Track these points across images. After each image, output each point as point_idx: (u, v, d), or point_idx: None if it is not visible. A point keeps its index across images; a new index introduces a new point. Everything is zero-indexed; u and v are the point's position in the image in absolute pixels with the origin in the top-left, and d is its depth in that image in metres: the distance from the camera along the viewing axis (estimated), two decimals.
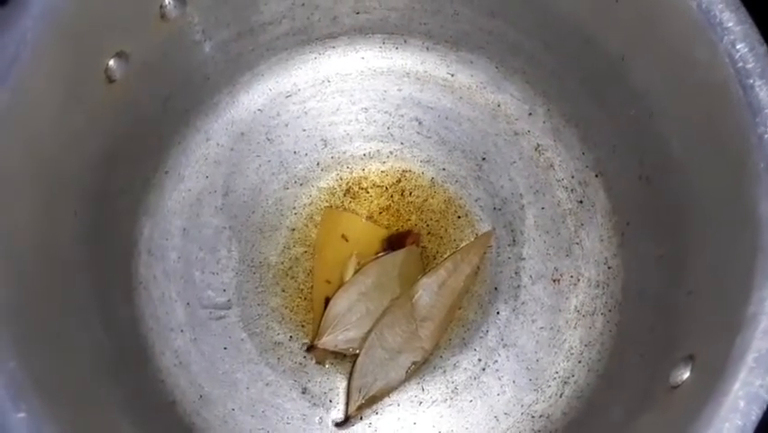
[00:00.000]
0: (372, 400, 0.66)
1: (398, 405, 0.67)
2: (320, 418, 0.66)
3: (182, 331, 0.68)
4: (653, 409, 0.52)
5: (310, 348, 0.67)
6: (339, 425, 0.66)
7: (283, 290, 0.69)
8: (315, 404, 0.67)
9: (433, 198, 0.71)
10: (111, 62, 0.55)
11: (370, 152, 0.72)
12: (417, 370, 0.67)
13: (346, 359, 0.67)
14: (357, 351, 0.66)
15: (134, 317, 0.67)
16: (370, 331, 0.66)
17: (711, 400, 0.45)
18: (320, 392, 0.67)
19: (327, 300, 0.67)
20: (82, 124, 0.55)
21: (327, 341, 0.66)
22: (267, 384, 0.67)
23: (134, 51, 0.56)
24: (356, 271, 0.68)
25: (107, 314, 0.61)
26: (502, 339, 0.68)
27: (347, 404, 0.66)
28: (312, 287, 0.69)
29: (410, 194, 0.71)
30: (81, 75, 0.53)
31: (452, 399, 0.66)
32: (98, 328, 0.59)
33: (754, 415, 0.44)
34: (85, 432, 0.50)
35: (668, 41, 0.54)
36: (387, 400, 0.67)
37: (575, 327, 0.68)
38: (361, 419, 0.66)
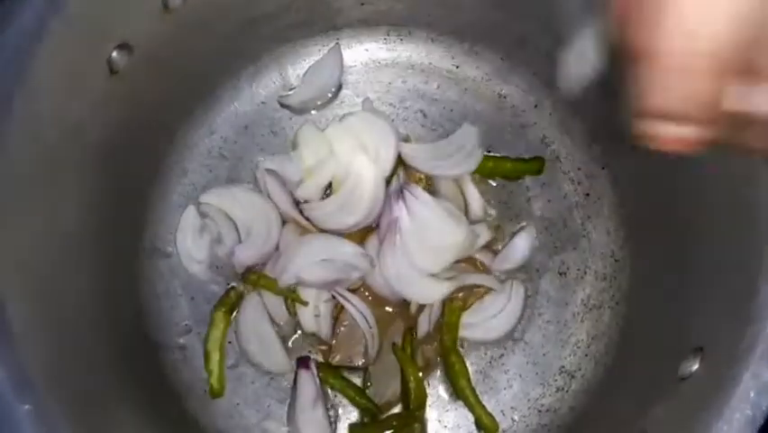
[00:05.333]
0: (388, 406, 0.66)
1: None
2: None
3: (186, 325, 0.67)
4: (662, 401, 0.52)
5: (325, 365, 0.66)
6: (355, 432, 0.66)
7: None
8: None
9: None
10: (114, 54, 0.55)
11: None
12: (429, 373, 0.66)
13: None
14: (367, 361, 0.66)
15: (138, 311, 0.66)
16: (381, 340, 0.66)
17: (721, 391, 0.45)
18: (325, 387, 0.67)
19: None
20: (85, 116, 0.54)
21: (342, 359, 0.66)
22: (272, 378, 0.66)
23: (137, 43, 0.56)
24: None
25: (111, 308, 0.60)
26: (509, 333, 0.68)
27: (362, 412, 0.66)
28: None
29: None
30: (83, 66, 0.53)
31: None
32: (102, 323, 0.58)
33: (765, 405, 0.43)
34: (89, 425, 0.50)
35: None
36: None
37: (582, 321, 0.68)
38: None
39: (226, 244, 0.68)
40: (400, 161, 0.69)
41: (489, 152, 0.71)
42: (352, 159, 0.67)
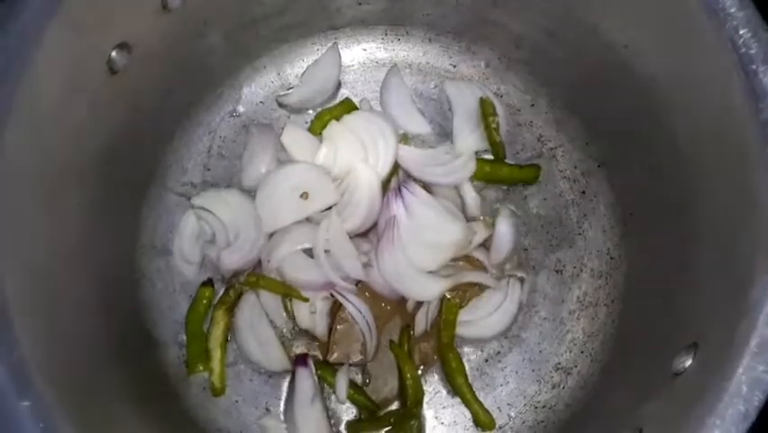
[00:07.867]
0: (386, 403, 0.66)
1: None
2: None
3: (185, 323, 0.68)
4: (656, 396, 0.52)
5: (323, 363, 0.67)
6: (353, 430, 0.66)
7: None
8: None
9: None
10: (113, 54, 0.55)
11: None
12: (427, 370, 0.67)
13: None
14: (365, 358, 0.66)
15: (137, 309, 0.67)
16: (378, 338, 0.66)
17: (714, 385, 0.45)
18: (323, 383, 0.67)
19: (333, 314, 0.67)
20: (84, 116, 0.55)
21: (339, 356, 0.66)
22: (270, 376, 0.67)
23: (136, 43, 0.56)
24: None
25: (110, 306, 0.61)
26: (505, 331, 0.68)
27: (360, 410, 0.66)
28: None
29: None
30: (83, 66, 0.53)
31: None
32: (101, 320, 0.59)
33: (757, 400, 0.44)
34: (89, 422, 0.50)
35: (671, 28, 0.54)
36: None
37: (578, 318, 0.68)
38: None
39: (217, 246, 0.68)
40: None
41: (486, 150, 0.71)
42: (350, 161, 0.67)
